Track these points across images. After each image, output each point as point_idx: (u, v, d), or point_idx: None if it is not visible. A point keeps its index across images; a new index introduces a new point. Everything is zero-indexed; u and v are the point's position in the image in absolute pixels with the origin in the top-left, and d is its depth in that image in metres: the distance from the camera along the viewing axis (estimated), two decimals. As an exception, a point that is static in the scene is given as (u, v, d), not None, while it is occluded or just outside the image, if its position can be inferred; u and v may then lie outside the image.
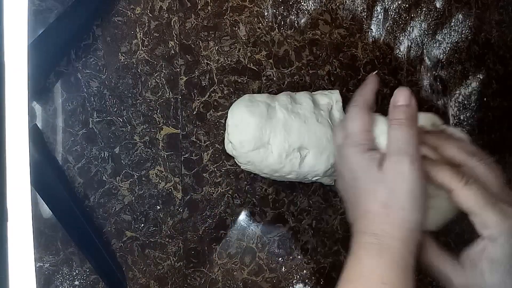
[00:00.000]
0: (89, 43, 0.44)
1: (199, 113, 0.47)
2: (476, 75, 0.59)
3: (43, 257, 0.43)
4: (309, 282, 0.52)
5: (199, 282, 0.49)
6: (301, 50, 0.50)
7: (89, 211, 0.44)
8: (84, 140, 0.44)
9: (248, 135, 0.43)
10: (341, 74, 0.52)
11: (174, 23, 0.46)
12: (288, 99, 0.46)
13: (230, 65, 0.48)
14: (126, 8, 0.44)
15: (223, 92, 0.48)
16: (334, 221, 0.53)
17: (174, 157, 0.47)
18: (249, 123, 0.43)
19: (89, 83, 0.44)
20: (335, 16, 0.52)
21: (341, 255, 0.54)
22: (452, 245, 0.60)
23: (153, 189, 0.46)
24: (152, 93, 0.46)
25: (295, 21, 0.50)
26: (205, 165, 0.48)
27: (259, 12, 0.49)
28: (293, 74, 0.50)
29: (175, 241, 0.47)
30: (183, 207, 0.47)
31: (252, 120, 0.43)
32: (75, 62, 0.43)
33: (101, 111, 0.44)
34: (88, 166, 0.44)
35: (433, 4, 0.56)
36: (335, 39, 0.52)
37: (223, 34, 0.47)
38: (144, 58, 0.45)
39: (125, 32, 0.44)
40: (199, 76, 0.47)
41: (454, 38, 0.57)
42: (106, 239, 0.45)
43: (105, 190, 0.45)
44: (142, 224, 0.46)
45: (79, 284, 0.44)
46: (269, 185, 0.49)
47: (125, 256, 0.46)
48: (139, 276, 0.47)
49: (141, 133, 0.45)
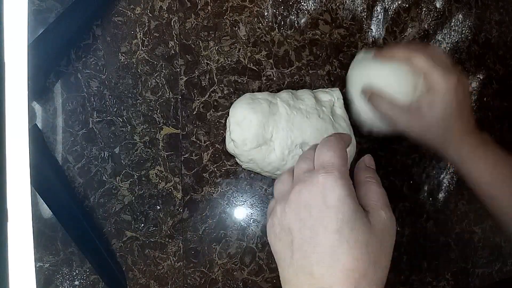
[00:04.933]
0: (89, 43, 0.44)
1: (199, 113, 0.47)
2: (476, 75, 0.59)
3: (43, 257, 0.43)
4: (309, 282, 0.52)
5: (199, 282, 0.48)
6: (301, 50, 0.50)
7: (89, 211, 0.44)
8: (84, 140, 0.44)
9: (251, 132, 0.43)
10: (341, 74, 0.52)
11: (174, 23, 0.46)
12: (289, 95, 0.46)
13: (230, 65, 0.48)
14: (126, 8, 0.44)
15: (223, 92, 0.48)
16: (334, 221, 0.53)
17: (174, 157, 0.47)
18: (251, 120, 0.43)
19: (89, 83, 0.44)
20: (335, 16, 0.52)
21: (341, 255, 0.54)
22: (452, 245, 0.60)
23: (153, 189, 0.46)
24: (152, 93, 0.46)
25: (295, 21, 0.50)
26: (205, 165, 0.48)
27: (259, 12, 0.49)
28: (293, 74, 0.50)
29: (175, 241, 0.47)
30: (183, 207, 0.47)
31: (255, 117, 0.43)
32: (75, 62, 0.43)
33: (101, 111, 0.44)
34: (88, 166, 0.44)
35: (433, 4, 0.56)
36: (335, 39, 0.52)
37: (223, 34, 0.47)
38: (144, 58, 0.45)
39: (125, 32, 0.44)
40: (199, 76, 0.47)
41: (454, 38, 0.57)
42: (106, 239, 0.45)
43: (105, 190, 0.45)
44: (142, 224, 0.46)
45: (79, 284, 0.44)
46: (269, 185, 0.49)
47: (125, 256, 0.46)
48: (139, 276, 0.47)
49: (141, 133, 0.45)
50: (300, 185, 0.31)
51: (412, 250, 0.58)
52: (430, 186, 0.58)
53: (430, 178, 0.58)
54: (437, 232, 0.59)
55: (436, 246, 0.59)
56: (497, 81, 0.60)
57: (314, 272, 0.28)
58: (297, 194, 0.31)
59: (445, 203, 0.59)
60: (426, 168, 0.57)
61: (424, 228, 0.58)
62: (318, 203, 0.29)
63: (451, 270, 0.61)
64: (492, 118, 0.61)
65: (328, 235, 0.28)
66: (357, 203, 0.30)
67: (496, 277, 0.64)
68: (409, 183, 0.57)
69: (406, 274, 0.58)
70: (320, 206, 0.29)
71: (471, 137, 0.44)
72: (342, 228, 0.28)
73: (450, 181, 0.59)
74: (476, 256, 0.62)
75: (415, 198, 0.57)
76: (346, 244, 0.28)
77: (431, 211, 0.58)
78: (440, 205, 0.59)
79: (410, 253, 0.58)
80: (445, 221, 0.59)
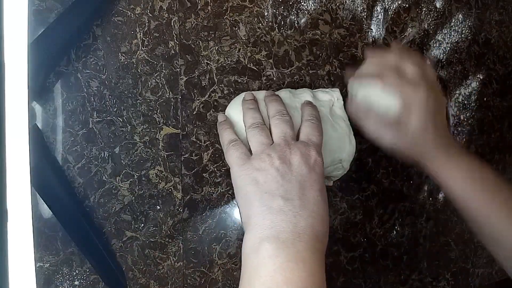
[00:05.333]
0: (89, 43, 0.44)
1: (199, 113, 0.47)
2: (476, 75, 0.59)
3: (43, 257, 0.43)
4: (309, 282, 0.52)
5: (199, 282, 0.49)
6: (301, 50, 0.50)
7: (89, 211, 0.44)
8: (84, 140, 0.44)
9: None
10: (341, 74, 0.52)
11: (174, 23, 0.46)
12: (288, 94, 0.46)
13: (230, 65, 0.48)
14: (126, 8, 0.44)
15: (223, 92, 0.48)
16: (334, 221, 0.53)
17: (174, 157, 0.47)
18: None
19: (89, 83, 0.44)
20: (335, 16, 0.52)
21: (341, 255, 0.54)
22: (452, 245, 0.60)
23: (153, 189, 0.46)
24: (152, 93, 0.46)
25: (295, 21, 0.50)
26: (205, 165, 0.48)
27: (259, 12, 0.49)
28: (293, 74, 0.50)
29: (175, 241, 0.47)
30: (183, 207, 0.47)
31: None
32: (75, 62, 0.43)
33: (101, 111, 0.44)
34: (88, 166, 0.44)
35: (433, 4, 0.56)
36: (335, 39, 0.52)
37: (223, 34, 0.47)
38: (144, 58, 0.45)
39: (125, 32, 0.44)
40: (199, 76, 0.47)
41: (454, 38, 0.57)
42: (106, 239, 0.45)
43: (105, 190, 0.45)
44: (142, 224, 0.46)
45: (79, 284, 0.44)
46: (269, 185, 0.49)
47: (125, 256, 0.46)
48: (139, 276, 0.47)
49: (141, 133, 0.45)
50: (292, 147, 0.39)
51: (412, 250, 0.58)
52: (430, 186, 0.58)
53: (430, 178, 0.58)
54: (437, 232, 0.59)
55: (436, 246, 0.59)
56: (497, 81, 0.60)
57: (298, 212, 0.36)
58: (288, 150, 0.39)
59: (445, 203, 0.59)
60: (426, 168, 0.57)
61: (424, 228, 0.58)
62: (308, 165, 0.38)
63: (451, 270, 0.61)
64: (492, 118, 0.61)
65: (313, 191, 0.37)
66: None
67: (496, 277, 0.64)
68: (409, 183, 0.57)
69: (406, 274, 0.58)
70: (310, 168, 0.38)
71: (447, 147, 0.45)
72: (322, 190, 0.38)
73: (450, 181, 0.59)
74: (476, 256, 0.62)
75: (415, 198, 0.57)
76: (323, 201, 0.38)
77: (431, 211, 0.58)
78: (440, 205, 0.59)
79: (410, 253, 0.58)
80: (445, 221, 0.59)
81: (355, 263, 0.55)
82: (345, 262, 0.55)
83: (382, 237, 0.56)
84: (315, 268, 0.34)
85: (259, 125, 0.41)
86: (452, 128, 0.59)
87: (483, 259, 0.62)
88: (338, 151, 0.46)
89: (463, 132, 0.59)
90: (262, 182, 0.37)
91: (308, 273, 0.34)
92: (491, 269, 0.63)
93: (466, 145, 0.59)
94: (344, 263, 0.54)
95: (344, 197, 0.54)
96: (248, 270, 0.35)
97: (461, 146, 0.47)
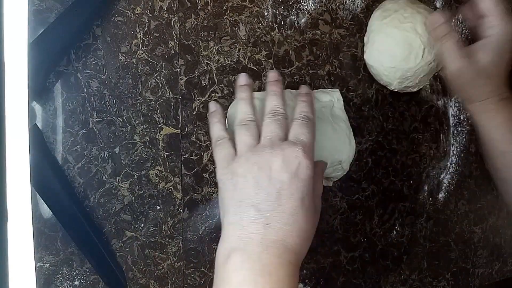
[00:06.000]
0: (89, 43, 0.44)
1: (199, 113, 0.47)
2: (476, 75, 0.59)
3: (43, 257, 0.43)
4: (309, 282, 0.52)
5: (199, 282, 0.49)
6: (301, 50, 0.50)
7: (89, 211, 0.44)
8: (84, 140, 0.44)
9: None
10: (341, 74, 0.52)
11: (174, 23, 0.46)
12: (288, 95, 0.46)
13: (230, 65, 0.48)
14: (126, 8, 0.44)
15: (223, 92, 0.48)
16: (334, 221, 0.53)
17: (174, 157, 0.47)
18: None
19: (89, 83, 0.44)
20: (335, 16, 0.52)
21: (341, 255, 0.54)
22: (452, 245, 0.60)
23: (153, 189, 0.46)
24: (152, 93, 0.46)
25: (295, 21, 0.50)
26: (205, 165, 0.48)
27: (259, 12, 0.49)
28: (293, 74, 0.50)
29: (175, 241, 0.47)
30: (183, 207, 0.47)
31: None
32: (75, 62, 0.43)
33: (101, 111, 0.44)
34: (88, 166, 0.44)
35: (433, 4, 0.56)
36: (335, 39, 0.52)
37: (223, 34, 0.47)
38: (144, 58, 0.45)
39: (125, 32, 0.44)
40: (199, 76, 0.47)
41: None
42: (106, 239, 0.45)
43: (105, 190, 0.45)
44: (142, 224, 0.46)
45: (79, 284, 0.44)
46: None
47: (125, 256, 0.46)
48: (139, 276, 0.47)
49: (141, 133, 0.45)
50: (276, 149, 0.36)
51: (412, 250, 0.58)
52: (430, 186, 0.58)
53: (430, 178, 0.58)
54: (437, 232, 0.59)
55: (436, 246, 0.59)
56: (497, 81, 0.60)
57: (270, 224, 0.34)
58: (269, 154, 0.36)
59: (445, 203, 0.59)
60: (426, 168, 0.57)
61: (424, 228, 0.58)
62: (291, 171, 0.35)
63: (451, 270, 0.61)
64: (492, 118, 0.61)
65: (292, 201, 0.35)
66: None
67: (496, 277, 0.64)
68: (409, 183, 0.57)
69: (406, 274, 0.58)
70: (292, 174, 0.35)
71: (504, 89, 0.46)
72: (303, 199, 0.35)
73: (450, 181, 0.59)
74: (476, 256, 0.62)
75: (415, 198, 0.57)
76: (303, 211, 0.35)
77: (431, 211, 0.58)
78: (440, 205, 0.59)
79: (410, 253, 0.58)
80: (445, 221, 0.59)
81: (355, 263, 0.55)
82: (345, 262, 0.55)
83: (382, 237, 0.56)
84: (284, 281, 0.33)
85: (247, 122, 0.38)
86: (452, 128, 0.59)
87: (483, 259, 0.62)
88: (338, 152, 0.46)
89: (463, 132, 0.59)
90: (239, 189, 0.35)
91: (274, 286, 0.32)
92: (491, 269, 0.63)
93: (466, 145, 0.59)
94: (344, 263, 0.54)
95: (344, 197, 0.54)
96: (218, 282, 0.34)
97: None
